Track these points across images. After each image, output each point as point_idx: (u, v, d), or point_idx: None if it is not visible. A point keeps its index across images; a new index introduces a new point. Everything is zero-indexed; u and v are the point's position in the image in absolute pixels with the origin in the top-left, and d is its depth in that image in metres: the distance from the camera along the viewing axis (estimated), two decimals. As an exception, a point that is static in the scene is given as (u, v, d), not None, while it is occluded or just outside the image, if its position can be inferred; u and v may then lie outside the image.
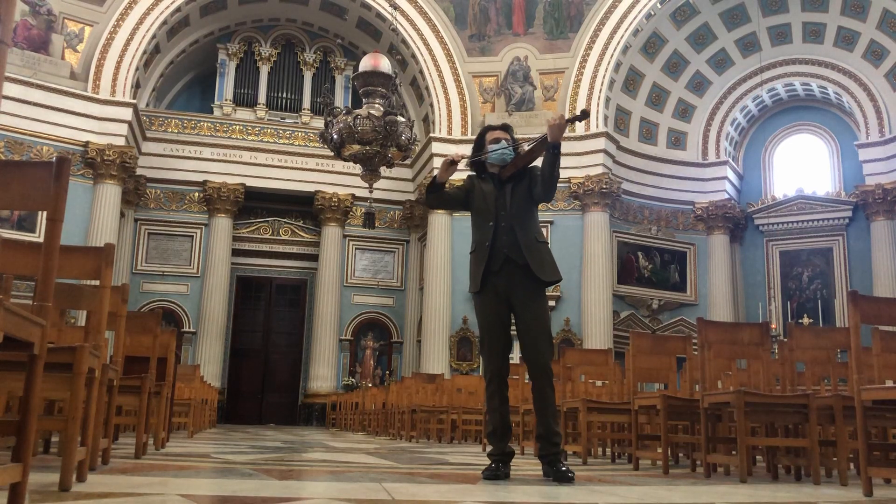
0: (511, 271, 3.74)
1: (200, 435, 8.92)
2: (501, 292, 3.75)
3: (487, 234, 3.78)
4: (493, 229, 3.77)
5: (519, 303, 3.75)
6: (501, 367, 3.80)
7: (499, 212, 3.79)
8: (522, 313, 3.75)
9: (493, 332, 3.76)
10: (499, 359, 3.78)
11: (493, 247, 3.75)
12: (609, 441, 6.09)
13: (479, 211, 3.87)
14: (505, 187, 3.85)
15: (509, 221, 3.78)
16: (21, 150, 14.16)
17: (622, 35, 15.95)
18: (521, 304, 3.75)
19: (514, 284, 3.74)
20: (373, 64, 7.56)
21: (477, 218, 3.88)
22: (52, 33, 14.80)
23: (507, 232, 3.76)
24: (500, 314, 3.76)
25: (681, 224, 17.20)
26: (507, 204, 3.81)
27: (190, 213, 17.22)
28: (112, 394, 3.64)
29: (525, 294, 3.76)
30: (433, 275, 16.00)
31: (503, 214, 3.79)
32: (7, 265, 2.81)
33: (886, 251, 15.22)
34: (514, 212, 3.80)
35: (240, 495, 2.63)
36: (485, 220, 3.82)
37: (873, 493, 3.13)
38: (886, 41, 15.49)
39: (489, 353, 3.80)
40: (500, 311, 3.76)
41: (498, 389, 3.78)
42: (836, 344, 4.77)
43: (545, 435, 3.69)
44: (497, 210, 3.80)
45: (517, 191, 3.85)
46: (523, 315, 3.75)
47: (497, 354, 3.77)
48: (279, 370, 17.96)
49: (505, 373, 3.83)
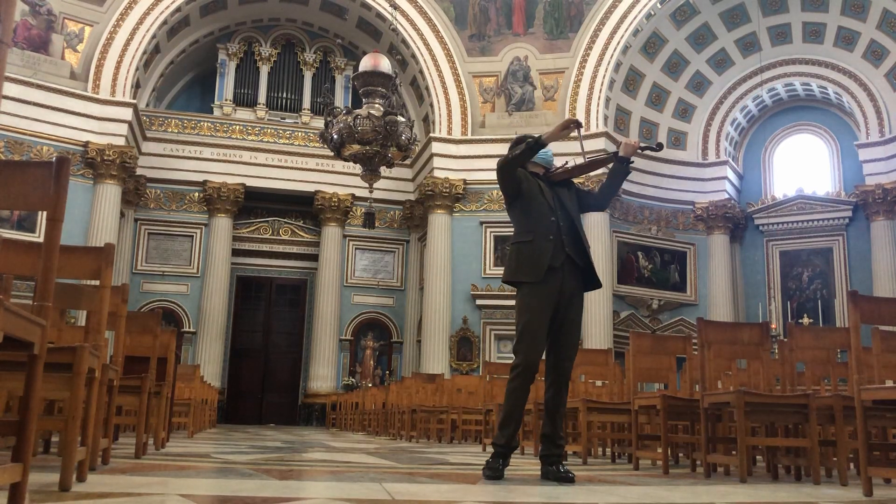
0: (569, 271, 3.76)
1: (200, 435, 8.92)
2: (554, 289, 3.72)
3: (551, 228, 3.75)
4: (556, 225, 3.76)
5: (566, 302, 3.75)
6: (536, 365, 3.74)
7: (558, 209, 3.80)
8: (566, 313, 3.75)
9: (541, 326, 3.71)
10: (538, 356, 3.73)
11: (556, 242, 3.73)
12: (609, 441, 6.09)
13: (535, 202, 3.81)
14: (557, 188, 3.88)
15: (569, 221, 3.80)
16: (21, 150, 14.16)
17: (622, 35, 15.96)
18: (569, 305, 3.76)
19: (566, 284, 3.75)
20: (373, 64, 7.56)
21: (533, 208, 3.81)
22: (52, 33, 14.80)
23: (569, 232, 3.78)
24: (548, 312, 3.73)
25: (681, 224, 17.20)
26: (565, 204, 3.84)
27: (190, 213, 17.21)
28: (112, 394, 3.64)
29: (574, 294, 3.79)
30: (433, 275, 15.99)
31: (563, 213, 3.80)
32: (7, 265, 2.81)
33: (886, 251, 15.21)
34: (573, 214, 3.85)
35: (240, 495, 2.62)
36: (544, 213, 3.78)
37: (873, 493, 3.12)
38: (886, 41, 15.49)
39: (530, 345, 3.69)
40: (550, 308, 3.73)
41: (524, 384, 3.71)
42: (836, 344, 4.77)
43: (552, 436, 3.68)
44: (556, 207, 3.80)
45: (570, 195, 3.91)
46: (566, 315, 3.75)
47: (537, 351, 3.72)
48: (279, 370, 17.96)
49: (536, 371, 3.77)
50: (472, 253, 16.09)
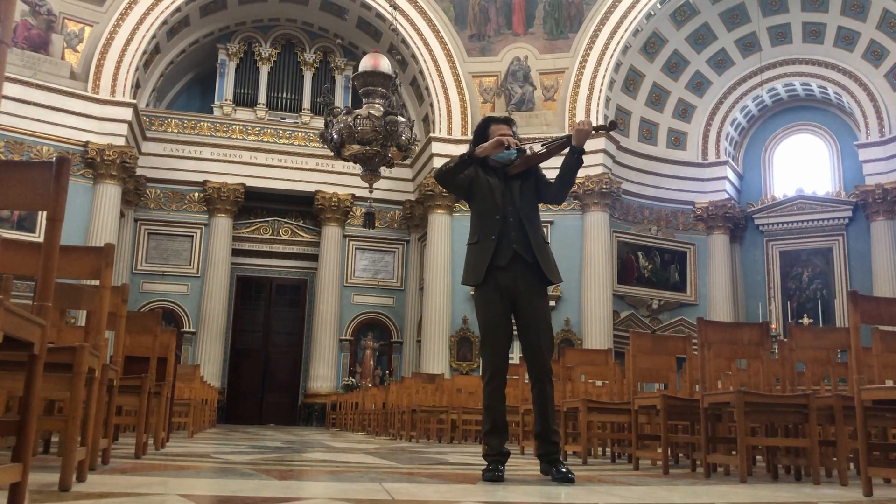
0: (518, 268, 3.70)
1: (200, 435, 8.92)
2: (505, 289, 3.69)
3: (494, 227, 3.70)
4: (501, 223, 3.71)
5: (524, 300, 3.70)
6: (503, 366, 3.73)
7: (506, 206, 3.74)
8: (527, 310, 3.71)
9: (497, 329, 3.69)
10: (501, 357, 3.71)
11: (500, 240, 3.69)
12: (609, 441, 6.09)
13: (483, 202, 3.78)
14: (511, 182, 3.79)
15: (518, 217, 3.73)
16: (21, 150, 14.16)
17: (622, 35, 15.95)
18: (526, 302, 3.71)
19: (519, 282, 3.70)
20: (373, 64, 7.57)
21: (481, 209, 3.79)
22: (52, 33, 14.80)
23: (517, 228, 3.71)
24: (504, 311, 3.71)
25: (681, 224, 17.20)
26: (515, 199, 3.76)
27: (190, 213, 17.21)
28: (112, 394, 3.64)
29: (530, 291, 3.72)
30: (433, 275, 16.00)
31: (511, 209, 3.73)
32: (7, 265, 2.81)
33: (886, 251, 15.21)
34: (524, 209, 3.76)
35: (240, 495, 2.62)
36: (490, 212, 3.74)
37: (873, 493, 3.12)
38: (886, 41, 15.49)
39: (491, 350, 3.71)
40: (504, 308, 3.70)
41: (498, 388, 3.70)
42: (836, 344, 4.77)
43: (544, 434, 3.67)
44: (504, 204, 3.74)
45: (525, 188, 3.81)
46: (527, 312, 3.71)
47: (500, 352, 3.71)
48: (279, 370, 17.96)
49: (505, 371, 3.76)
50: (472, 253, 16.05)
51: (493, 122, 3.96)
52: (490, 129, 3.91)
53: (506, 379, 3.78)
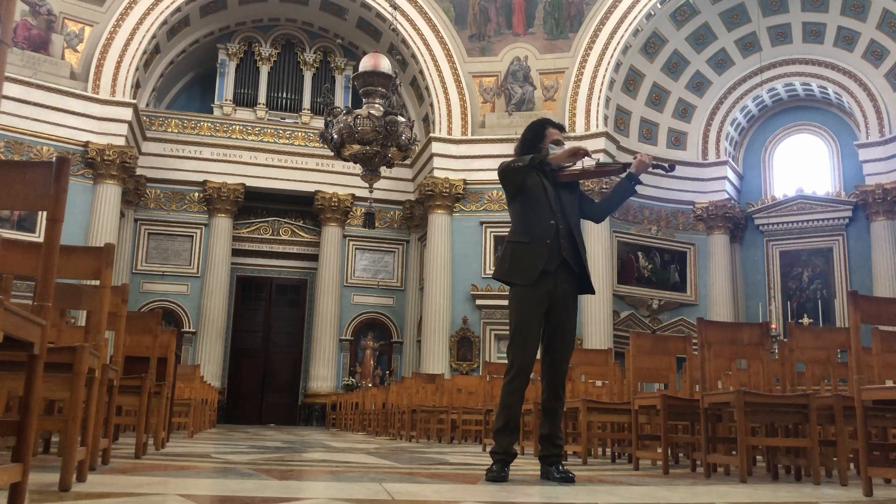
0: (563, 275, 3.74)
1: (200, 435, 8.92)
2: (546, 292, 3.71)
3: (548, 231, 3.72)
4: (555, 228, 3.73)
5: (561, 305, 3.73)
6: (530, 367, 3.74)
7: (558, 212, 3.77)
8: (559, 316, 3.73)
9: (531, 329, 3.70)
10: (529, 357, 3.72)
11: (552, 245, 3.71)
12: (609, 441, 6.09)
13: (536, 203, 3.79)
14: (560, 190, 3.83)
15: (567, 226, 3.77)
16: (21, 150, 14.16)
17: (622, 35, 15.95)
18: (563, 307, 3.74)
19: (561, 288, 3.73)
20: (373, 64, 7.56)
21: (533, 208, 3.79)
22: (52, 33, 14.80)
23: (567, 236, 3.75)
24: (540, 314, 3.73)
25: (681, 224, 17.20)
26: (565, 207, 3.80)
27: (190, 213, 17.21)
28: (112, 394, 3.64)
29: (567, 298, 3.76)
30: (433, 275, 15.99)
31: (561, 217, 3.76)
32: (7, 265, 2.81)
33: (886, 251, 15.21)
34: (572, 218, 3.81)
35: (240, 495, 2.62)
36: (544, 214, 3.75)
37: (873, 493, 3.12)
38: (886, 41, 15.49)
39: (524, 349, 3.70)
40: (541, 310, 3.72)
41: (519, 388, 3.70)
42: (836, 344, 4.77)
43: (550, 437, 3.67)
44: (556, 209, 3.77)
45: (573, 199, 3.87)
46: (560, 318, 3.73)
47: (529, 353, 3.72)
48: (279, 370, 17.96)
49: (530, 373, 3.77)
50: (471, 253, 16.09)
51: (549, 125, 3.99)
52: (547, 130, 3.95)
53: (528, 380, 3.79)
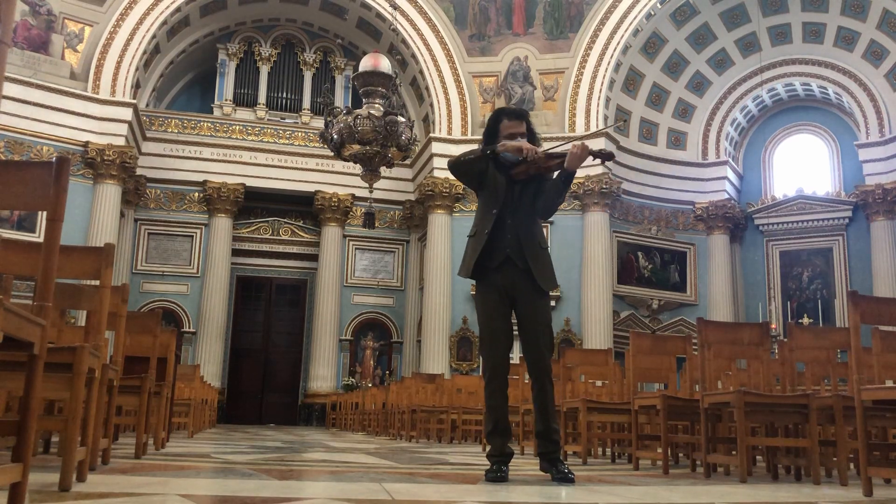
0: (511, 272, 3.68)
1: (200, 435, 8.92)
2: (504, 288, 3.67)
3: (488, 223, 3.68)
4: (495, 220, 3.68)
5: (523, 300, 3.69)
6: (503, 365, 3.71)
7: (506, 206, 3.70)
8: (526, 310, 3.69)
9: (496, 328, 3.68)
10: (501, 356, 3.69)
11: (492, 239, 3.67)
12: (609, 441, 6.09)
13: (488, 196, 3.75)
14: (514, 185, 3.74)
15: (515, 221, 3.69)
16: (21, 150, 14.16)
17: (622, 35, 15.96)
18: (525, 301, 3.69)
19: (515, 283, 3.68)
20: (373, 64, 7.57)
21: (484, 202, 3.77)
22: (52, 33, 14.80)
23: (511, 231, 3.68)
24: (503, 311, 3.69)
25: (681, 224, 17.20)
26: (513, 201, 3.72)
27: (190, 213, 17.21)
28: (112, 394, 3.64)
29: (529, 291, 3.70)
30: (433, 275, 16.00)
31: (508, 211, 3.70)
32: (7, 265, 2.81)
33: (886, 251, 15.21)
34: (521, 213, 3.72)
35: (240, 495, 2.63)
36: (490, 207, 3.72)
37: (873, 493, 3.12)
38: (886, 41, 15.49)
39: (491, 349, 3.70)
40: (502, 307, 3.69)
41: (499, 387, 3.69)
42: (836, 344, 4.77)
43: (544, 432, 3.66)
44: (504, 204, 3.70)
45: (526, 193, 3.76)
46: (527, 312, 3.69)
47: (499, 352, 3.68)
48: (279, 370, 17.96)
49: (506, 370, 3.75)
50: (472, 253, 16.06)
51: (504, 116, 3.87)
52: (501, 123, 3.83)
53: (507, 378, 3.77)
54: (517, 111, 3.99)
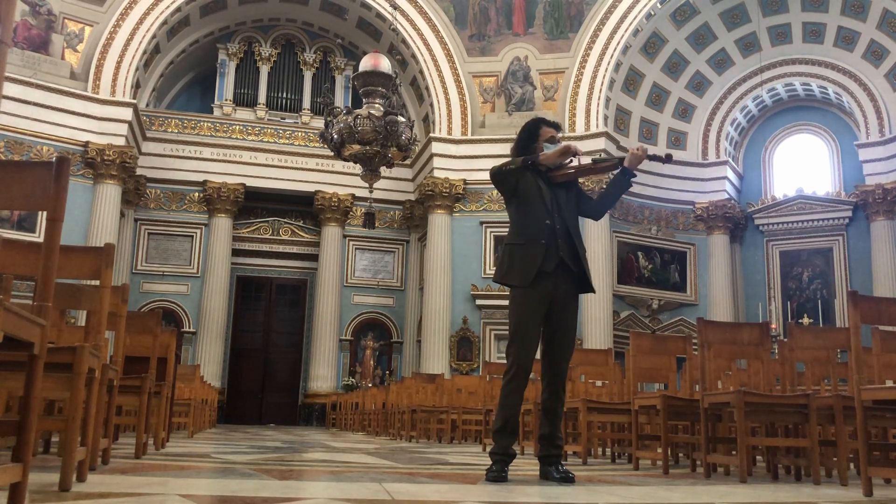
0: (562, 276, 3.72)
1: (200, 435, 8.92)
2: (546, 293, 3.69)
3: (543, 232, 3.70)
4: (551, 228, 3.70)
5: (561, 306, 3.72)
6: (528, 367, 3.73)
7: (554, 213, 3.73)
8: (560, 316, 3.72)
9: (533, 329, 3.69)
10: (528, 358, 3.71)
11: (548, 246, 3.69)
12: (609, 441, 6.09)
13: (531, 205, 3.76)
14: (557, 190, 3.79)
15: (565, 226, 3.74)
16: (21, 150, 14.16)
17: (622, 35, 15.96)
18: (563, 308, 3.73)
19: (561, 288, 3.72)
20: (373, 64, 7.57)
21: (528, 210, 3.77)
22: (52, 33, 14.80)
23: (564, 236, 3.72)
24: (540, 315, 3.71)
25: (681, 224, 17.20)
26: (561, 207, 3.76)
27: (190, 213, 17.22)
28: (112, 394, 3.64)
29: (567, 298, 3.75)
30: (433, 275, 15.99)
31: (558, 217, 3.73)
32: (7, 265, 2.81)
33: (886, 251, 15.21)
34: (570, 218, 3.79)
35: (240, 495, 2.63)
36: (539, 215, 3.72)
37: (873, 493, 3.12)
38: (886, 41, 15.49)
39: (523, 349, 3.69)
40: (541, 311, 3.71)
41: (519, 387, 3.69)
42: (836, 344, 4.77)
43: (550, 437, 3.66)
44: (553, 210, 3.73)
45: (570, 198, 3.83)
46: (560, 318, 3.72)
47: (528, 353, 3.70)
48: (279, 370, 17.97)
49: (529, 373, 3.76)
50: (471, 253, 16.09)
51: (543, 124, 3.94)
52: (541, 129, 3.90)
53: (527, 381, 3.78)
54: (555, 123, 4.06)
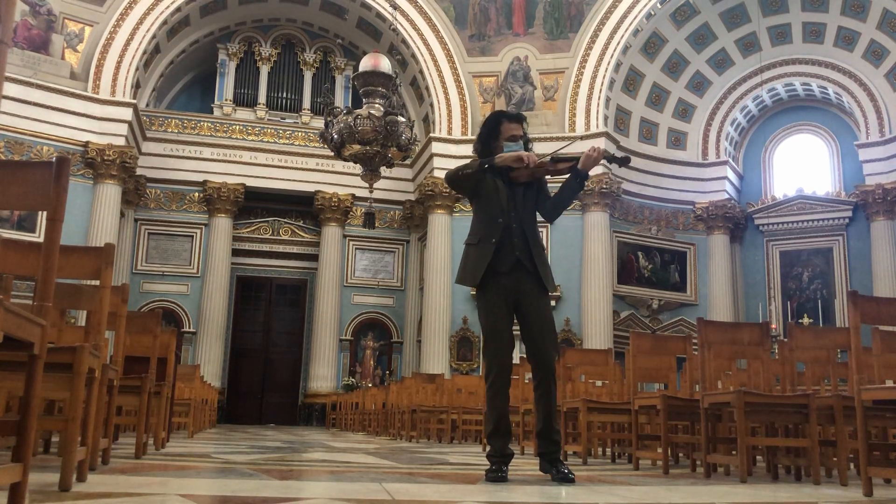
0: (519, 275, 3.71)
1: (200, 435, 8.92)
2: (508, 291, 3.70)
3: (496, 231, 3.70)
4: (503, 227, 3.70)
5: (527, 301, 3.72)
6: (507, 366, 3.73)
7: (510, 211, 3.73)
8: (530, 311, 3.72)
9: (501, 331, 3.70)
10: (505, 358, 3.71)
11: (501, 245, 3.69)
12: (609, 441, 6.09)
13: (488, 203, 3.76)
14: (515, 188, 3.78)
15: (520, 224, 3.73)
16: (21, 150, 14.16)
17: (622, 35, 15.95)
18: (530, 302, 3.72)
19: (522, 286, 3.71)
20: (373, 64, 7.57)
21: (484, 210, 3.78)
22: (52, 33, 14.80)
23: (519, 234, 3.71)
24: (507, 313, 3.72)
25: (681, 224, 17.20)
26: (518, 205, 3.75)
27: (190, 213, 17.22)
28: (112, 394, 3.64)
29: (533, 292, 3.73)
30: (433, 275, 15.99)
31: (514, 215, 3.73)
32: (7, 265, 2.81)
33: (886, 251, 15.21)
34: (526, 216, 3.77)
35: (240, 495, 2.63)
36: (493, 214, 3.73)
37: (873, 493, 3.13)
38: (886, 41, 15.49)
39: (496, 350, 3.71)
40: (507, 310, 3.72)
41: (502, 388, 3.70)
42: (836, 344, 4.77)
43: (545, 432, 3.67)
44: (508, 209, 3.73)
45: (528, 196, 3.80)
46: (531, 313, 3.72)
47: (503, 354, 3.70)
48: (279, 370, 17.96)
49: (510, 372, 3.77)
50: (472, 253, 16.06)
51: (504, 119, 3.91)
52: (502, 125, 3.87)
53: (509, 380, 3.79)
54: (516, 115, 4.01)
